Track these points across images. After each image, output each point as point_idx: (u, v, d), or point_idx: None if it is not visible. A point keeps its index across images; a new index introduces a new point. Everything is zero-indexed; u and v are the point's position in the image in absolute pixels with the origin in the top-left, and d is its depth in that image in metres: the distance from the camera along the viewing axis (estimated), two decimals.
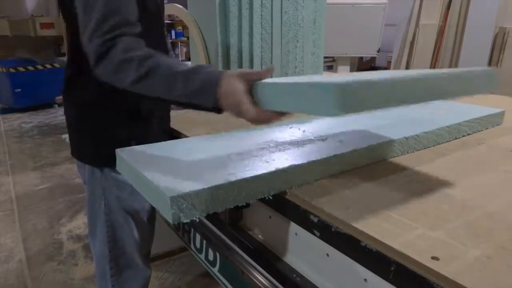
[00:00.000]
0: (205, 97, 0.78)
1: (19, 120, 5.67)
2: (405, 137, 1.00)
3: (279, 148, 0.94)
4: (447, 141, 1.11)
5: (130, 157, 0.89)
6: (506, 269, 0.55)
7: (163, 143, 1.02)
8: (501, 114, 1.27)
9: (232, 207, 0.76)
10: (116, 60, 0.82)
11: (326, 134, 1.04)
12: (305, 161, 0.84)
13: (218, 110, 0.80)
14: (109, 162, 1.06)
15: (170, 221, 0.69)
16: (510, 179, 0.88)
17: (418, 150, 1.04)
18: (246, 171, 0.79)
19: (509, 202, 0.77)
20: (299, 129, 1.10)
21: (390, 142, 0.98)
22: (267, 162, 0.85)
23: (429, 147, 1.07)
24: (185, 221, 0.70)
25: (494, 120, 1.25)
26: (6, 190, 3.34)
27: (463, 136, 1.16)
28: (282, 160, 0.85)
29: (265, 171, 0.79)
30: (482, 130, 1.21)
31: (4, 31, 5.89)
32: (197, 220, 0.72)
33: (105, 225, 1.20)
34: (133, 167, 0.84)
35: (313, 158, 0.86)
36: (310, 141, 1.00)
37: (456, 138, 1.13)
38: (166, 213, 0.70)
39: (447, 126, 1.10)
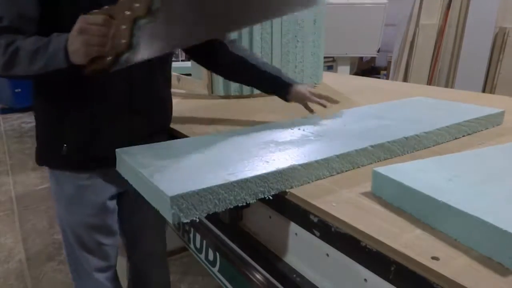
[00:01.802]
0: (59, 57, 0.87)
1: (19, 120, 5.67)
2: (405, 137, 1.00)
3: (279, 148, 0.94)
4: (447, 141, 1.11)
5: (130, 157, 0.89)
6: (506, 269, 0.55)
7: (163, 143, 1.02)
8: (501, 114, 1.27)
9: (232, 207, 0.77)
10: None
11: (326, 134, 1.05)
12: (305, 161, 0.84)
13: (72, 65, 0.87)
14: (48, 163, 1.13)
15: (170, 221, 0.69)
16: None
17: (418, 150, 1.04)
18: (246, 171, 0.79)
19: None
20: (299, 129, 1.10)
21: (390, 142, 0.98)
22: (267, 162, 0.85)
23: (429, 147, 1.07)
24: (185, 221, 0.70)
25: (494, 120, 1.25)
26: (6, 190, 3.34)
27: (463, 136, 1.16)
28: (282, 160, 0.85)
29: (265, 171, 0.79)
30: (482, 130, 1.21)
31: None
32: (197, 220, 0.72)
33: (61, 229, 1.20)
34: (133, 167, 0.84)
35: (313, 158, 0.86)
36: (310, 141, 1.00)
37: (456, 138, 1.13)
38: (166, 213, 0.70)
39: (447, 126, 1.10)
